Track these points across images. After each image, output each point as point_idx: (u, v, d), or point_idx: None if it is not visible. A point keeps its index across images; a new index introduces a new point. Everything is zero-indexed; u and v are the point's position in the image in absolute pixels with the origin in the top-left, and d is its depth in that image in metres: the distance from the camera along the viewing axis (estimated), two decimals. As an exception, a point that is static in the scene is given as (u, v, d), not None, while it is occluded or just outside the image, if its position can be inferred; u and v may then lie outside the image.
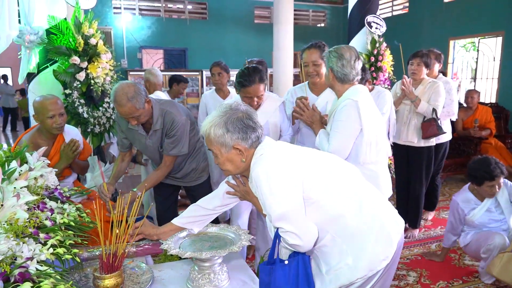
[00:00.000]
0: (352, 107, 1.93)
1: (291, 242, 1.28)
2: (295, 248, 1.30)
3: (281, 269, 1.32)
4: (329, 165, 1.40)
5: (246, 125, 1.35)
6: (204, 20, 10.25)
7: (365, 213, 1.35)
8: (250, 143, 1.37)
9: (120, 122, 2.31)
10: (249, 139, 1.36)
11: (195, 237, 1.65)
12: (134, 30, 9.52)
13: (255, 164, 1.34)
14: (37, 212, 1.40)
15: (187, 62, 10.08)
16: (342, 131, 1.95)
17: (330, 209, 1.33)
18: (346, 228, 1.34)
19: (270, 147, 1.38)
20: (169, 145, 2.24)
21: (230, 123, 1.34)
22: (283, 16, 6.85)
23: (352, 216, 1.34)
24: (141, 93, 2.06)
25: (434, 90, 3.23)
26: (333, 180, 1.36)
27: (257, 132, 1.38)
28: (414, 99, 3.21)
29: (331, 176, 1.37)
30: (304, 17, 11.25)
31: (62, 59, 3.03)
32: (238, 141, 1.35)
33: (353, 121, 1.93)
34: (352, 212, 1.34)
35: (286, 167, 1.30)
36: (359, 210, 1.35)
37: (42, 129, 2.38)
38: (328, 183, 1.35)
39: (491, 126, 5.08)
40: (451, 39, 8.33)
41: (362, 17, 4.43)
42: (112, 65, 3.28)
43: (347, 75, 1.99)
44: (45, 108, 2.30)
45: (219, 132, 1.34)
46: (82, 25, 3.04)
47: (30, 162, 1.69)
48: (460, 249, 3.18)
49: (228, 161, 1.39)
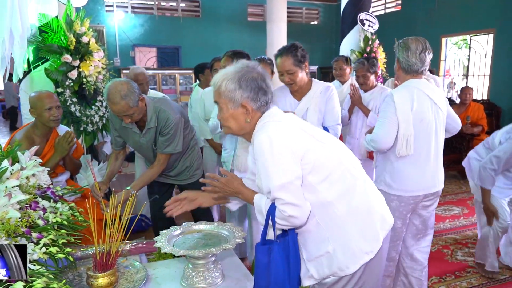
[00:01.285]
0: (390, 98, 2.04)
1: (290, 213, 1.24)
2: (291, 221, 1.26)
3: (277, 247, 1.32)
4: (332, 151, 1.37)
5: (259, 86, 1.34)
6: (197, 18, 10.21)
7: (354, 205, 1.34)
8: (259, 106, 1.36)
9: (113, 120, 2.30)
10: (258, 101, 1.35)
11: (189, 235, 1.65)
12: (126, 28, 9.47)
13: (259, 131, 1.33)
14: (29, 211, 1.39)
15: (181, 60, 10.04)
16: (381, 120, 2.06)
17: (321, 194, 1.32)
18: (333, 217, 1.33)
19: (276, 116, 1.37)
20: (163, 143, 2.23)
21: (244, 80, 1.33)
22: (277, 13, 6.84)
23: (342, 206, 1.33)
24: (135, 91, 2.05)
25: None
26: (332, 166, 1.34)
27: (268, 96, 1.37)
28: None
29: (331, 161, 1.34)
30: (298, 15, 11.25)
31: (54, 57, 3.00)
32: (247, 100, 1.34)
33: (390, 112, 2.02)
34: (343, 202, 1.33)
35: (290, 139, 1.28)
36: (349, 202, 1.34)
37: (38, 124, 2.37)
38: (326, 168, 1.32)
39: (483, 123, 5.13)
40: (443, 37, 8.39)
41: (355, 15, 4.45)
42: (104, 63, 3.26)
43: (412, 66, 2.04)
44: (42, 100, 2.30)
45: (231, 87, 1.33)
46: (73, 23, 3.02)
47: (22, 161, 1.67)
48: (452, 244, 3.22)
49: (232, 118, 1.38)
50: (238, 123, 1.38)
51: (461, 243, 3.25)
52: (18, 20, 2.54)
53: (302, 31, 10.81)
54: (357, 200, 1.35)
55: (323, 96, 2.35)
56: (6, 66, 2.65)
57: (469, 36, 8.12)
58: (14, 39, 2.59)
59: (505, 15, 7.03)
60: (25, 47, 2.73)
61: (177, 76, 8.38)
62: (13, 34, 2.58)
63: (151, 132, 2.24)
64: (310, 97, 2.34)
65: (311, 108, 2.33)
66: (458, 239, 3.33)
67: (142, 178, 2.28)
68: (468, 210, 4.06)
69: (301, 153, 1.28)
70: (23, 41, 2.64)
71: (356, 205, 1.35)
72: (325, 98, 2.35)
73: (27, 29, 2.69)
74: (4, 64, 2.63)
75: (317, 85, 2.37)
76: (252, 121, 1.37)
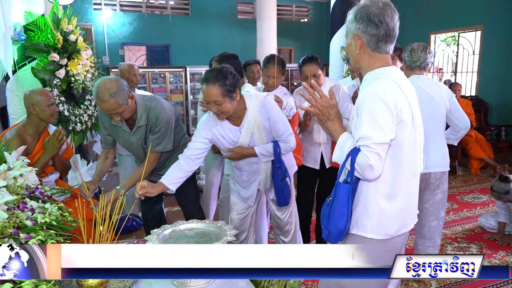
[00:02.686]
0: None
1: (372, 163, 1.27)
2: (368, 171, 1.28)
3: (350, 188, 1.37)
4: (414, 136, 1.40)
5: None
6: (187, 15, 10.15)
7: (407, 186, 1.39)
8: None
9: (103, 118, 2.28)
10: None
11: (180, 234, 1.64)
12: (115, 26, 9.37)
13: (376, 80, 1.33)
14: (17, 212, 1.37)
15: (171, 59, 9.97)
16: None
17: (394, 161, 1.34)
18: (391, 186, 1.35)
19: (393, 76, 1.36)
20: (153, 141, 2.22)
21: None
22: (266, 11, 6.85)
23: (403, 180, 1.36)
24: (124, 89, 2.03)
25: None
26: (411, 141, 1.37)
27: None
28: None
29: (412, 135, 1.37)
30: (287, 12, 11.25)
31: (40, 56, 2.96)
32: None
33: None
34: (405, 178, 1.36)
35: (401, 105, 1.30)
36: (408, 182, 1.38)
37: (31, 122, 2.36)
38: (408, 140, 1.35)
39: (471, 119, 5.19)
40: (432, 33, 8.46)
41: (344, 12, 4.45)
42: (92, 61, 3.23)
43: (415, 62, 2.46)
44: (47, 96, 2.36)
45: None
46: (60, 21, 2.98)
47: (9, 161, 1.65)
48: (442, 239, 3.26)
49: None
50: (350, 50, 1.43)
51: (450, 238, 3.30)
52: (0, 19, 2.49)
53: (292, 28, 10.82)
54: (412, 184, 1.41)
55: (263, 114, 2.05)
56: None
57: (457, 32, 8.20)
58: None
59: (493, 11, 7.11)
60: (11, 46, 2.69)
61: (167, 75, 8.33)
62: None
63: (141, 131, 2.22)
64: (250, 120, 2.04)
65: (256, 130, 2.06)
66: (447, 234, 3.37)
67: (131, 177, 2.26)
68: (457, 205, 4.11)
69: (398, 119, 1.31)
70: (7, 40, 2.60)
71: (408, 187, 1.40)
72: (265, 115, 2.05)
73: (9, 28, 2.65)
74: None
75: (252, 103, 2.05)
76: (363, 58, 1.40)
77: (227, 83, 1.88)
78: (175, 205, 3.87)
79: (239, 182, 2.25)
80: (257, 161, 2.15)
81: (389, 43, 1.38)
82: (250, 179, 2.21)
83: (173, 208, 3.97)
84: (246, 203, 2.26)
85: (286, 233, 2.38)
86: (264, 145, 2.09)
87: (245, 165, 2.17)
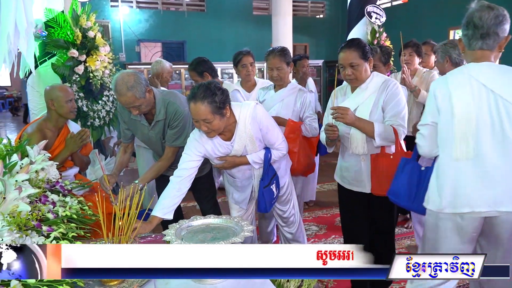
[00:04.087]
0: None
1: (417, 141, 1.63)
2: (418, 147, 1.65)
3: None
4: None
5: None
6: (202, 12, 10.18)
7: None
8: None
9: (122, 113, 2.31)
10: None
11: (197, 229, 1.65)
12: (131, 23, 9.46)
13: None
14: (39, 205, 1.40)
15: (186, 55, 10.02)
16: None
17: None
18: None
19: None
20: (172, 136, 2.23)
21: None
22: (282, 7, 6.80)
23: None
24: (142, 83, 2.05)
25: (431, 79, 3.17)
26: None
27: None
28: (414, 89, 3.17)
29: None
30: (303, 8, 11.17)
31: (60, 52, 3.01)
32: None
33: None
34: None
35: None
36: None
37: (51, 118, 2.40)
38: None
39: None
40: (450, 29, 8.28)
41: (361, 7, 4.41)
42: (110, 58, 3.27)
43: (462, 61, 2.37)
44: (66, 91, 2.40)
45: None
46: (79, 18, 3.02)
47: (31, 155, 1.68)
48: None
49: None
50: None
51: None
52: (23, 15, 2.54)
53: (307, 24, 10.73)
54: None
55: (254, 126, 1.97)
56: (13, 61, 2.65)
57: (477, 28, 8.01)
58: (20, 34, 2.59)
59: (514, 6, 6.93)
60: (33, 42, 2.74)
61: (182, 71, 8.37)
62: (18, 29, 2.58)
63: (159, 125, 2.24)
64: (241, 134, 1.98)
65: (248, 141, 2.01)
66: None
67: (150, 171, 2.29)
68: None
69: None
70: (29, 36, 2.65)
71: None
72: (257, 126, 1.98)
73: (31, 24, 2.69)
74: (11, 59, 2.64)
75: (242, 114, 1.96)
76: None
77: (216, 99, 1.77)
78: (192, 200, 3.89)
79: (232, 186, 2.25)
80: (249, 168, 2.12)
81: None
82: (243, 184, 2.19)
83: (189, 203, 4.00)
84: (240, 205, 2.25)
85: (291, 224, 2.36)
86: (256, 153, 2.05)
87: (237, 172, 2.15)
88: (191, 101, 1.79)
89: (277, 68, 2.53)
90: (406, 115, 1.98)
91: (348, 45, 1.98)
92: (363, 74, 1.99)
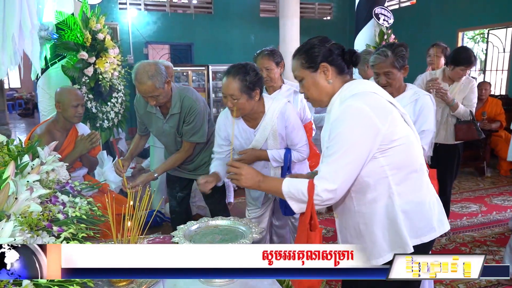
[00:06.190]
0: None
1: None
2: None
3: None
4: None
5: None
6: (209, 14, 10.22)
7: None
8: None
9: (138, 106, 2.35)
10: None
11: (206, 230, 1.65)
12: (139, 25, 9.52)
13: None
14: (49, 206, 1.41)
15: (193, 57, 10.06)
16: None
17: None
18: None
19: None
20: (188, 131, 2.26)
21: None
22: (289, 9, 6.78)
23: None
24: (162, 73, 2.08)
25: (470, 89, 3.01)
26: None
27: None
28: (451, 103, 2.94)
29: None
30: (310, 10, 11.15)
31: (70, 54, 3.04)
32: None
33: None
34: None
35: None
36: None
37: (59, 119, 2.42)
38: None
39: (501, 119, 5.02)
40: (459, 31, 8.21)
41: (369, 9, 4.39)
42: (119, 60, 3.29)
43: None
44: (74, 96, 2.38)
45: None
46: (89, 20, 3.05)
47: (41, 156, 1.70)
48: (470, 242, 3.17)
49: None
50: None
51: (479, 241, 3.20)
52: (27, 16, 2.56)
53: (314, 26, 10.72)
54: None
55: (281, 122, 2.00)
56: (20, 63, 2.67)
57: (486, 29, 7.94)
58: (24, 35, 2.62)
59: (524, 8, 6.85)
60: (37, 43, 2.76)
61: (190, 73, 8.40)
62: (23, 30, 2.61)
63: (174, 119, 2.26)
64: (266, 125, 1.99)
65: (271, 135, 2.01)
66: (476, 237, 3.27)
67: (166, 162, 2.35)
68: (486, 207, 3.98)
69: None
70: (34, 37, 2.67)
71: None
72: (283, 123, 2.00)
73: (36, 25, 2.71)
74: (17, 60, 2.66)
75: (271, 107, 1.99)
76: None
77: (247, 78, 1.82)
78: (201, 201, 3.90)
79: None
80: (266, 166, 2.10)
81: None
82: None
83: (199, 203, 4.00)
84: (255, 204, 2.25)
85: None
86: (277, 150, 2.04)
87: None
88: (224, 75, 1.87)
89: (266, 69, 2.38)
90: None
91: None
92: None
